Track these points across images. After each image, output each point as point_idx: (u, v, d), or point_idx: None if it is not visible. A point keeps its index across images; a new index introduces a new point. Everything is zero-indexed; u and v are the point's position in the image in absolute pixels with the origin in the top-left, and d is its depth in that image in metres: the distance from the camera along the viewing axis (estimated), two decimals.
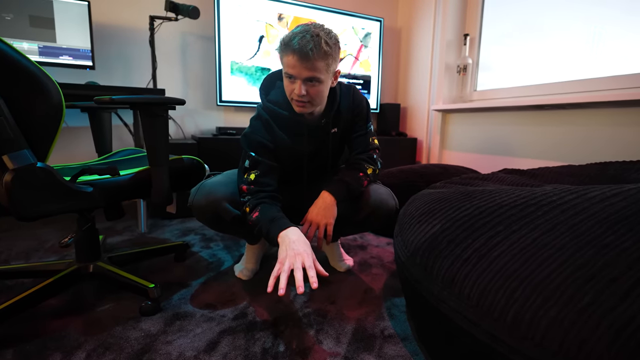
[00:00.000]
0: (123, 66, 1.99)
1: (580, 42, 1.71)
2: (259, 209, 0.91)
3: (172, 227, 1.68)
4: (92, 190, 0.85)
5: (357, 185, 1.00)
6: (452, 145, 2.39)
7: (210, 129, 2.26)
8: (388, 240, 1.57)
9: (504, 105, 1.90)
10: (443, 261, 0.66)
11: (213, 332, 0.86)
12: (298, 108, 0.92)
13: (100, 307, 0.96)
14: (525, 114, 1.90)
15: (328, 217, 0.96)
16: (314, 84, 0.87)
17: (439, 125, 2.45)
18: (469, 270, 0.60)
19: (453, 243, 0.68)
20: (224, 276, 1.17)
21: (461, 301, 0.58)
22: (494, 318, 0.52)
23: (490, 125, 2.11)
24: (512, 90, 2.04)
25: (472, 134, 2.23)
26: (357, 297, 1.05)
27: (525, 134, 1.90)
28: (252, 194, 0.94)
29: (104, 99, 0.77)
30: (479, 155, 2.18)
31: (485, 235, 0.64)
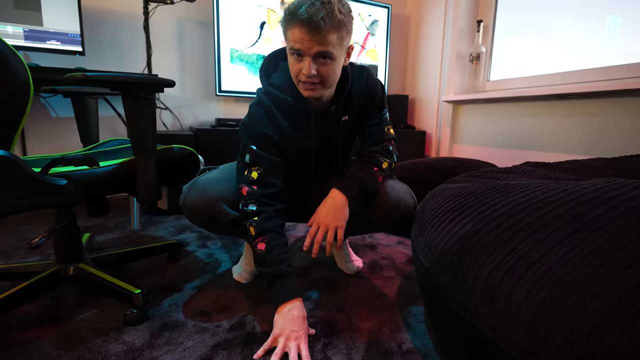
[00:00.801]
0: (115, 53, 1.88)
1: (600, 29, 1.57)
2: (267, 240, 0.79)
3: (167, 224, 1.57)
4: (66, 183, 0.73)
5: (371, 181, 0.88)
6: (463, 138, 2.27)
7: (209, 120, 2.15)
8: (399, 239, 1.45)
9: (521, 95, 1.77)
10: (480, 269, 0.54)
11: (206, 345, 0.75)
12: (306, 91, 0.79)
13: (80, 315, 0.85)
14: (545, 105, 1.78)
15: (339, 219, 0.83)
16: (325, 61, 0.75)
17: (449, 117, 2.32)
18: (515, 282, 0.49)
19: (490, 247, 0.56)
20: (221, 279, 1.06)
21: (507, 321, 0.47)
22: (557, 346, 0.41)
23: (505, 116, 1.98)
24: (528, 79, 1.91)
25: (485, 126, 2.11)
26: (369, 304, 0.94)
27: (544, 126, 1.78)
28: (255, 197, 0.82)
29: (77, 76, 0.66)
30: (493, 148, 2.06)
31: (531, 238, 0.53)
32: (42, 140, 1.79)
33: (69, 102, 1.82)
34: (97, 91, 1.11)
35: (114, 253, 1.04)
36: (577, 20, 1.69)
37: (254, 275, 1.07)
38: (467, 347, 0.58)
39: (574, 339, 0.40)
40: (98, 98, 1.19)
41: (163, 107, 2.01)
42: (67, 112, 1.84)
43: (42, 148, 1.80)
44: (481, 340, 0.52)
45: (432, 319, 0.74)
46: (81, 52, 1.65)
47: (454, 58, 2.24)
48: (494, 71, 2.16)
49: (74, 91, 1.07)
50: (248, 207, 0.82)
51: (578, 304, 0.41)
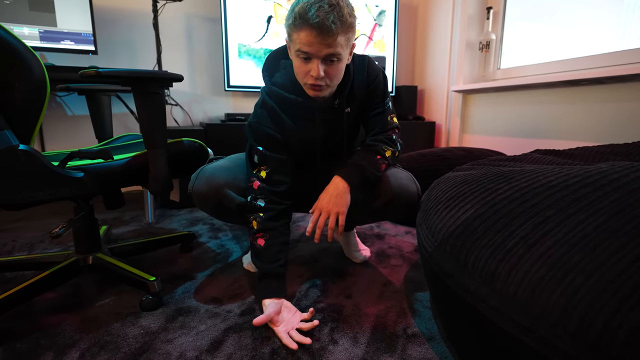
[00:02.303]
0: (127, 51, 1.92)
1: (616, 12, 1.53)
2: (267, 237, 0.83)
3: (180, 217, 1.62)
4: (82, 175, 0.77)
5: (374, 169, 0.89)
6: (473, 128, 2.24)
7: (218, 115, 2.18)
8: (407, 229, 1.46)
9: (532, 82, 1.74)
10: (481, 251, 0.55)
11: (218, 329, 0.78)
12: (313, 92, 0.80)
13: (100, 302, 0.90)
14: (557, 92, 1.74)
15: (340, 205, 0.85)
16: (333, 62, 0.76)
17: (459, 107, 2.30)
18: (514, 262, 0.50)
19: (491, 230, 0.57)
20: (231, 268, 1.09)
21: (506, 300, 0.48)
22: (552, 322, 0.42)
23: (516, 105, 1.95)
24: (540, 66, 1.87)
25: (496, 116, 2.08)
26: (376, 291, 0.95)
27: (556, 114, 1.75)
28: (265, 194, 0.85)
29: (90, 72, 0.69)
30: (504, 138, 2.03)
31: (531, 221, 0.54)
32: (59, 137, 1.86)
33: (83, 101, 1.88)
34: (110, 88, 1.15)
35: (129, 244, 1.08)
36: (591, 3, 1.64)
37: None
38: (469, 329, 0.59)
39: (568, 315, 0.41)
40: (111, 95, 1.23)
41: (174, 103, 2.05)
42: (82, 110, 1.90)
43: (59, 145, 1.86)
44: (481, 320, 0.53)
45: (436, 303, 0.75)
46: (94, 51, 1.70)
47: (463, 46, 2.21)
48: (505, 59, 2.13)
49: (88, 89, 1.11)
50: (257, 202, 0.85)
51: (574, 282, 0.42)
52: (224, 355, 0.70)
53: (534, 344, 0.43)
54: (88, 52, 1.69)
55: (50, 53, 1.73)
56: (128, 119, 1.97)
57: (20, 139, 0.70)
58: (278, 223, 0.85)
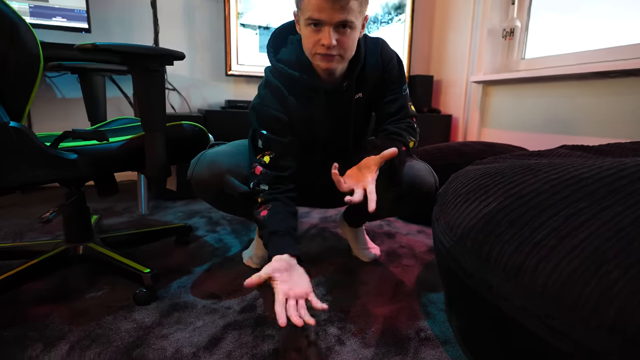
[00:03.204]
0: (122, 29, 1.93)
1: None
2: (270, 207, 0.82)
3: (176, 209, 1.63)
4: (76, 157, 0.78)
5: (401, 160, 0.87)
6: (494, 122, 2.23)
7: (218, 102, 2.19)
8: (419, 228, 1.46)
9: (559, 73, 1.73)
10: (505, 246, 0.55)
11: (216, 326, 0.79)
12: (324, 63, 0.79)
13: (90, 294, 0.90)
14: (586, 84, 1.73)
15: (369, 171, 0.81)
16: (345, 30, 0.76)
17: (478, 99, 2.28)
18: (543, 255, 0.49)
19: (517, 224, 0.57)
20: (230, 263, 1.10)
21: (533, 296, 0.48)
22: (585, 316, 0.42)
23: (541, 98, 1.94)
24: (568, 57, 1.85)
25: (519, 109, 2.06)
26: (386, 291, 0.95)
27: (585, 108, 1.73)
28: (268, 179, 0.85)
29: (87, 45, 0.69)
30: (527, 133, 2.02)
31: (562, 213, 0.53)
32: (48, 120, 1.87)
33: (75, 83, 1.89)
34: (104, 67, 1.16)
35: (123, 234, 1.09)
36: None
37: (265, 260, 1.10)
38: (488, 331, 0.59)
39: (603, 309, 0.40)
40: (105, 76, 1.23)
41: (171, 87, 2.06)
42: (73, 92, 1.91)
43: (48, 128, 1.88)
44: (504, 320, 0.53)
45: (452, 304, 0.75)
46: (87, 29, 1.71)
47: (485, 34, 2.19)
48: (530, 48, 2.11)
49: (82, 67, 1.12)
50: (260, 187, 0.85)
51: (610, 274, 0.42)
52: (222, 353, 0.70)
53: (562, 340, 0.43)
54: (81, 30, 1.70)
55: (41, 30, 1.74)
56: (122, 103, 1.97)
57: (11, 116, 0.71)
58: (282, 196, 0.85)
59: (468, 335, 0.71)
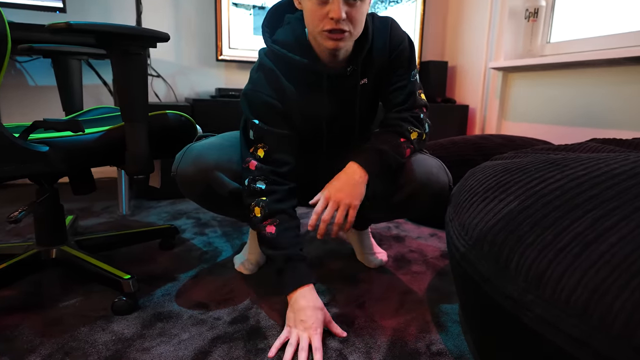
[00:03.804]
0: (100, 10, 1.93)
1: None
2: (277, 223, 0.82)
3: (160, 210, 1.63)
4: (47, 150, 0.77)
5: (397, 155, 0.87)
6: (515, 114, 2.22)
7: (208, 90, 2.18)
8: (432, 231, 1.46)
9: (589, 59, 1.72)
10: (526, 250, 0.55)
11: (204, 338, 0.78)
12: (332, 42, 0.78)
13: (64, 302, 0.90)
14: (619, 70, 1.72)
15: (352, 196, 0.82)
16: (355, 2, 0.75)
17: (497, 88, 2.28)
18: (568, 263, 0.49)
19: (540, 226, 0.57)
20: (220, 269, 1.10)
21: (556, 308, 0.47)
22: (614, 336, 0.41)
23: (568, 86, 1.93)
24: (599, 40, 1.84)
25: (544, 99, 2.06)
26: (393, 300, 0.95)
27: (618, 97, 1.72)
28: (265, 176, 0.84)
29: (60, 25, 0.69)
30: (552, 126, 2.01)
31: (590, 215, 0.53)
32: (18, 110, 1.87)
33: (48, 69, 1.89)
34: (80, 51, 1.15)
35: (100, 236, 1.09)
36: None
37: (259, 266, 1.10)
38: (507, 343, 0.58)
39: (634, 327, 0.40)
40: (81, 59, 1.23)
41: (155, 74, 2.06)
42: (46, 79, 1.91)
43: (17, 119, 1.88)
44: (524, 332, 0.52)
45: (467, 314, 0.75)
46: (62, 8, 1.70)
47: (506, 15, 2.18)
48: (556, 31, 2.10)
49: (55, 50, 1.11)
50: (256, 184, 0.84)
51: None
52: None
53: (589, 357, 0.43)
54: (55, 10, 1.70)
55: (10, 10, 1.74)
56: (100, 91, 1.97)
57: None
58: (286, 205, 0.85)
59: (485, 349, 0.70)
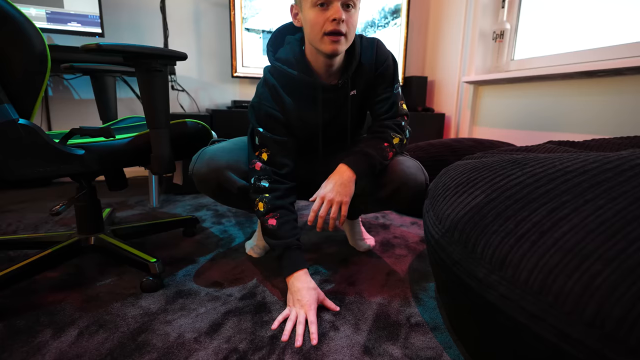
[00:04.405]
0: (133, 34, 1.91)
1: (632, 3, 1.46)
2: (278, 216, 0.81)
3: (185, 203, 1.61)
4: (83, 153, 0.76)
5: (381, 157, 0.86)
6: (484, 120, 2.19)
7: (225, 102, 2.16)
8: (413, 220, 1.44)
9: (547, 73, 1.69)
10: (491, 237, 0.53)
11: (217, 312, 0.77)
12: (332, 45, 0.76)
13: (100, 282, 0.89)
14: (573, 83, 1.69)
15: (343, 194, 0.82)
16: (350, 10, 0.75)
17: (470, 99, 2.25)
18: (527, 248, 0.47)
19: (502, 216, 0.55)
20: (234, 253, 1.08)
21: (516, 288, 0.46)
22: (566, 311, 0.39)
23: (530, 97, 1.90)
24: (556, 57, 1.81)
25: (509, 108, 2.03)
26: (379, 279, 0.94)
27: (571, 106, 1.69)
28: (268, 175, 0.83)
29: (91, 46, 0.67)
30: (516, 130, 1.98)
31: (546, 206, 0.51)
32: (66, 120, 1.86)
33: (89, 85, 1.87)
34: (114, 69, 1.14)
35: (132, 226, 1.08)
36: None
37: (266, 250, 1.08)
38: (476, 319, 0.57)
39: (584, 304, 0.38)
40: (116, 76, 1.21)
41: (180, 89, 2.04)
42: (88, 94, 1.90)
43: (66, 127, 1.86)
44: (490, 309, 0.51)
45: (441, 292, 0.73)
46: (100, 33, 1.68)
47: (476, 36, 2.15)
48: (519, 50, 2.06)
49: (92, 69, 1.10)
50: (261, 183, 0.83)
51: (591, 268, 0.39)
52: (222, 338, 0.69)
53: (544, 332, 0.41)
54: (94, 35, 1.68)
55: (57, 35, 1.73)
56: (134, 103, 1.96)
57: (20, 114, 0.69)
58: (286, 201, 0.84)
59: (456, 322, 0.69)
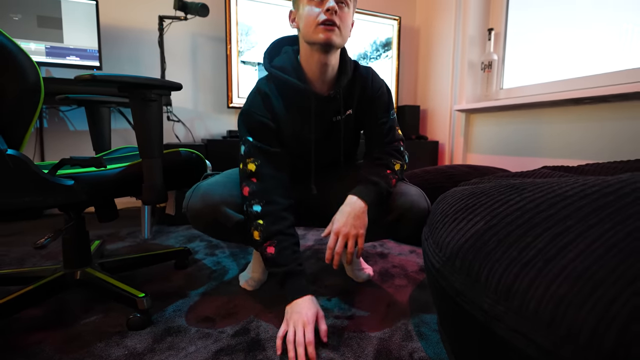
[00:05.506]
0: (131, 67, 1.94)
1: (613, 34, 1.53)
2: (276, 243, 0.78)
3: (178, 234, 1.57)
4: (73, 183, 0.74)
5: (387, 185, 0.85)
6: (477, 147, 2.22)
7: (220, 132, 2.18)
8: (411, 248, 1.40)
9: (535, 101, 1.73)
10: (494, 265, 0.51)
11: (208, 351, 0.72)
12: (325, 34, 0.76)
13: (85, 319, 0.84)
14: (561, 110, 1.73)
15: (358, 227, 0.79)
16: (343, 7, 0.78)
17: (462, 126, 2.28)
18: (533, 276, 0.45)
19: (505, 243, 0.53)
20: (227, 286, 1.04)
21: (525, 319, 0.43)
22: (581, 345, 0.37)
23: (520, 124, 1.93)
24: (543, 86, 1.87)
25: (500, 135, 2.06)
26: (379, 311, 0.89)
27: (561, 132, 1.72)
28: (259, 198, 0.79)
29: (85, 76, 0.67)
30: (508, 157, 2.00)
31: (549, 232, 0.49)
32: (60, 151, 1.85)
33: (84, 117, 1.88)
34: (109, 100, 1.14)
35: (121, 258, 1.04)
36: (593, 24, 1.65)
37: (261, 282, 1.04)
38: (482, 352, 0.53)
39: (601, 335, 0.36)
40: (111, 107, 1.21)
41: (176, 119, 2.05)
42: (83, 125, 1.90)
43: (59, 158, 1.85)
44: (497, 342, 0.48)
45: (444, 324, 0.70)
46: (98, 67, 1.71)
47: (465, 67, 2.22)
48: (507, 79, 2.13)
49: (87, 99, 1.10)
50: (252, 208, 0.80)
51: (605, 296, 0.37)
52: None
53: None
54: (93, 68, 1.71)
55: (56, 68, 1.75)
56: (129, 133, 1.96)
57: (9, 144, 0.67)
58: (282, 226, 0.80)
59: (461, 356, 0.65)
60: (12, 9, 1.56)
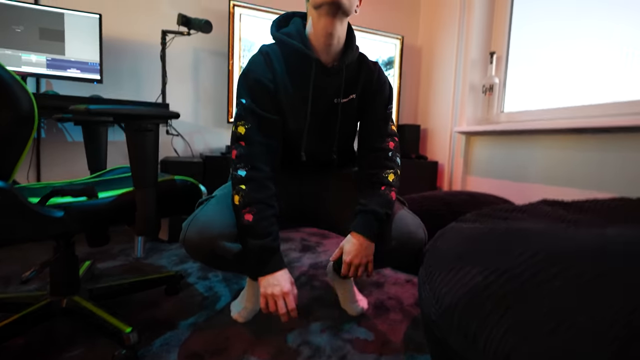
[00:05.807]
0: (132, 81, 1.94)
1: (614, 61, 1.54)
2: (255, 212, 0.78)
3: (171, 252, 1.55)
4: (63, 215, 0.72)
5: (385, 208, 0.87)
6: (477, 170, 2.21)
7: (219, 147, 2.17)
8: (407, 277, 1.38)
9: (537, 127, 1.73)
10: (492, 331, 0.49)
11: None
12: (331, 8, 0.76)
13: (69, 353, 0.82)
14: (562, 138, 1.72)
15: (368, 255, 0.87)
16: None
17: (462, 148, 2.28)
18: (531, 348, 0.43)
19: (503, 305, 0.51)
20: (218, 316, 1.01)
21: None
22: None
23: (520, 149, 1.93)
24: (545, 112, 1.86)
25: (500, 159, 2.05)
26: (373, 350, 0.87)
27: (560, 160, 1.71)
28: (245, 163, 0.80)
29: (79, 109, 0.66)
30: (507, 181, 1.99)
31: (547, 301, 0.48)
32: (57, 164, 1.83)
33: None
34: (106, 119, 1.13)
35: (111, 285, 1.01)
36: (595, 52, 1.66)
37: (254, 313, 1.02)
38: None
39: None
40: (109, 125, 1.20)
41: (175, 134, 2.04)
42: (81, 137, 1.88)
43: (56, 171, 1.83)
44: None
45: None
46: (99, 80, 1.71)
47: (467, 89, 2.22)
48: (508, 103, 2.13)
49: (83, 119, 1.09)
50: (237, 172, 0.81)
51: None
52: None
53: None
54: (93, 81, 1.70)
55: (56, 80, 1.74)
56: None
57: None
58: (263, 195, 0.80)
59: None
60: (15, 21, 1.56)
